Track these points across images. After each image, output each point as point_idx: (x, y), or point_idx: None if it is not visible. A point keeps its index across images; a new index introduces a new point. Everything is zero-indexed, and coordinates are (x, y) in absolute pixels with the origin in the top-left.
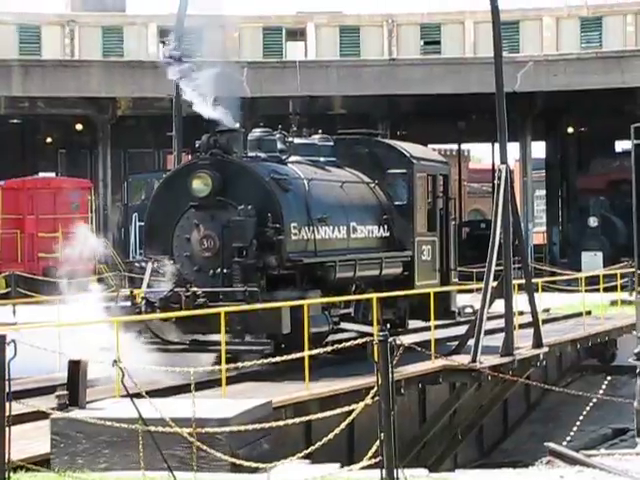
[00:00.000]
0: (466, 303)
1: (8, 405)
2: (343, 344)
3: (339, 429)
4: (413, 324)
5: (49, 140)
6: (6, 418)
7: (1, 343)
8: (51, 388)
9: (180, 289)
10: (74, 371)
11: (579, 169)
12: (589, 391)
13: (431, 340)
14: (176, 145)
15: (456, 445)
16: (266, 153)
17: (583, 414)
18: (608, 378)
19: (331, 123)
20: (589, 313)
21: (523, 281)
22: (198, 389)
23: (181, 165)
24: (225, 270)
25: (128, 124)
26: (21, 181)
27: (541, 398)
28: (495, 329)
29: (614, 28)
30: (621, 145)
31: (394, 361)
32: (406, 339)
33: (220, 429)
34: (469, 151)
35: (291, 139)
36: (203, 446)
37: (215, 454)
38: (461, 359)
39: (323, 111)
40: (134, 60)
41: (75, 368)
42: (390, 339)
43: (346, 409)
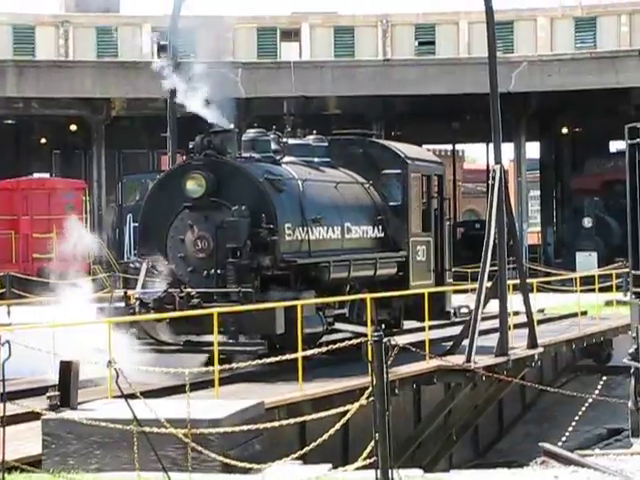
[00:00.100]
0: (461, 303)
1: (2, 406)
2: (337, 345)
3: (333, 430)
4: (408, 324)
5: (43, 141)
6: (0, 419)
7: None
8: (44, 389)
9: (174, 290)
10: (65, 372)
11: (573, 169)
12: (584, 391)
13: (426, 340)
14: (170, 146)
15: (451, 445)
16: (260, 154)
17: (578, 414)
18: (603, 378)
19: (325, 123)
20: (585, 313)
21: (518, 281)
22: (191, 390)
23: (175, 166)
24: (219, 271)
25: (122, 125)
26: (15, 182)
27: (536, 398)
28: (490, 329)
29: (608, 28)
30: (615, 145)
31: (389, 361)
32: (401, 339)
33: (211, 430)
34: (463, 151)
35: (285, 140)
36: (198, 447)
37: (208, 455)
38: (456, 359)
39: (317, 111)
40: (128, 61)
41: (67, 369)
42: (385, 339)
43: (340, 410)
